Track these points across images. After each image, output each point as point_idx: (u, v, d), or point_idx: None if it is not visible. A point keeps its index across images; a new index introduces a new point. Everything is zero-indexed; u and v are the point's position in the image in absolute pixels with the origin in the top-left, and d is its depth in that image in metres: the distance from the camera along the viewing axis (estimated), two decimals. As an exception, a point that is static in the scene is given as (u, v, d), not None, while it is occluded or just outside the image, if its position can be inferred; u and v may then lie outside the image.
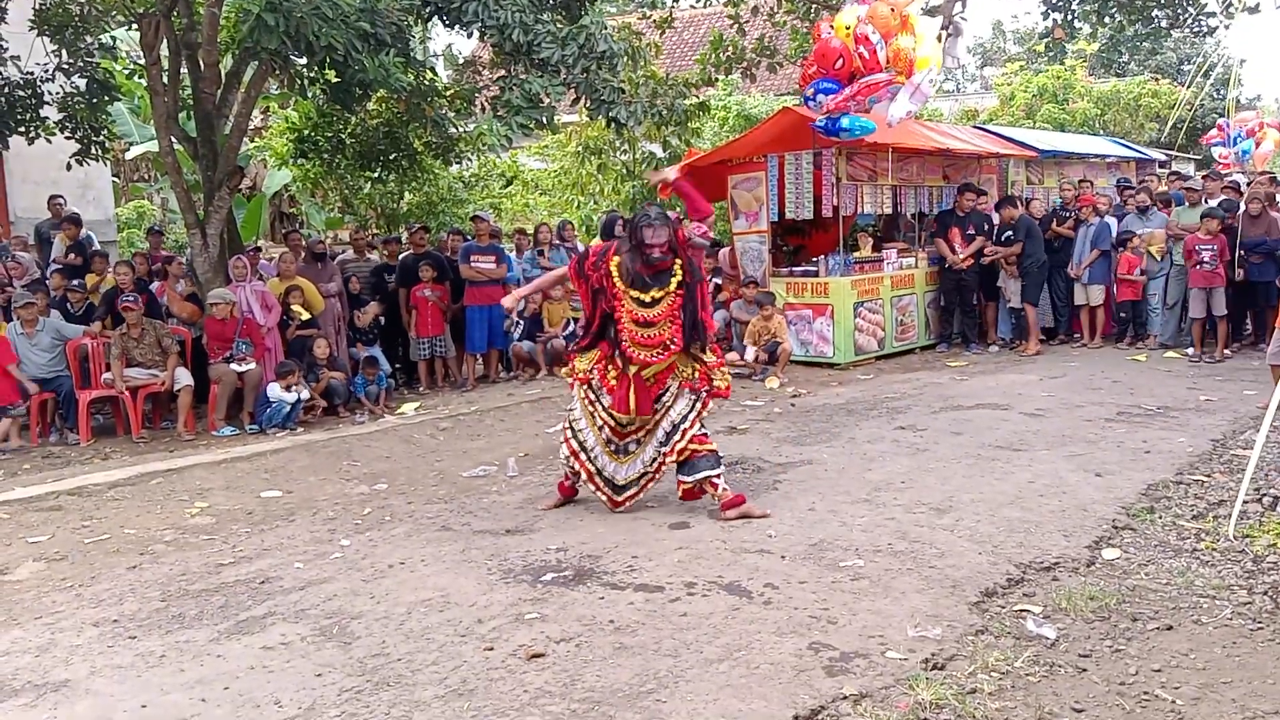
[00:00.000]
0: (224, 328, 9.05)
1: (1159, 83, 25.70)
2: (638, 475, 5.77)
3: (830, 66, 8.83)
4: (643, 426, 5.71)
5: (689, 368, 5.67)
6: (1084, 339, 11.73)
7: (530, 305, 10.93)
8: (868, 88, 8.74)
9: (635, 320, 5.54)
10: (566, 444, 5.83)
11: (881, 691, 3.51)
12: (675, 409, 5.65)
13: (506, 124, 9.33)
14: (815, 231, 12.38)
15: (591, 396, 5.75)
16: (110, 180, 15.61)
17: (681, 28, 22.71)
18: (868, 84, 8.72)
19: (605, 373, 5.68)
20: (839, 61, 8.74)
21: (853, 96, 8.79)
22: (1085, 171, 14.67)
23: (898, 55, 8.60)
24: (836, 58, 8.72)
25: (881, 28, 8.59)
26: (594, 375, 5.71)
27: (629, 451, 5.76)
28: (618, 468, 5.75)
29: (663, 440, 5.67)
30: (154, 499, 6.77)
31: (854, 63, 8.70)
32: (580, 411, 5.81)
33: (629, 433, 5.73)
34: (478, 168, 16.90)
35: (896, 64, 8.65)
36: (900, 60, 8.61)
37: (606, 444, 5.73)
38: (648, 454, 5.73)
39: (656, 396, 5.65)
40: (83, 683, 3.87)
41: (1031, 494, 5.85)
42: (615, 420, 5.68)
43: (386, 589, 4.76)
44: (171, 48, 10.05)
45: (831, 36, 8.81)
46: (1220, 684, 3.50)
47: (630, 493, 5.81)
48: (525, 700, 3.56)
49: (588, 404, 5.77)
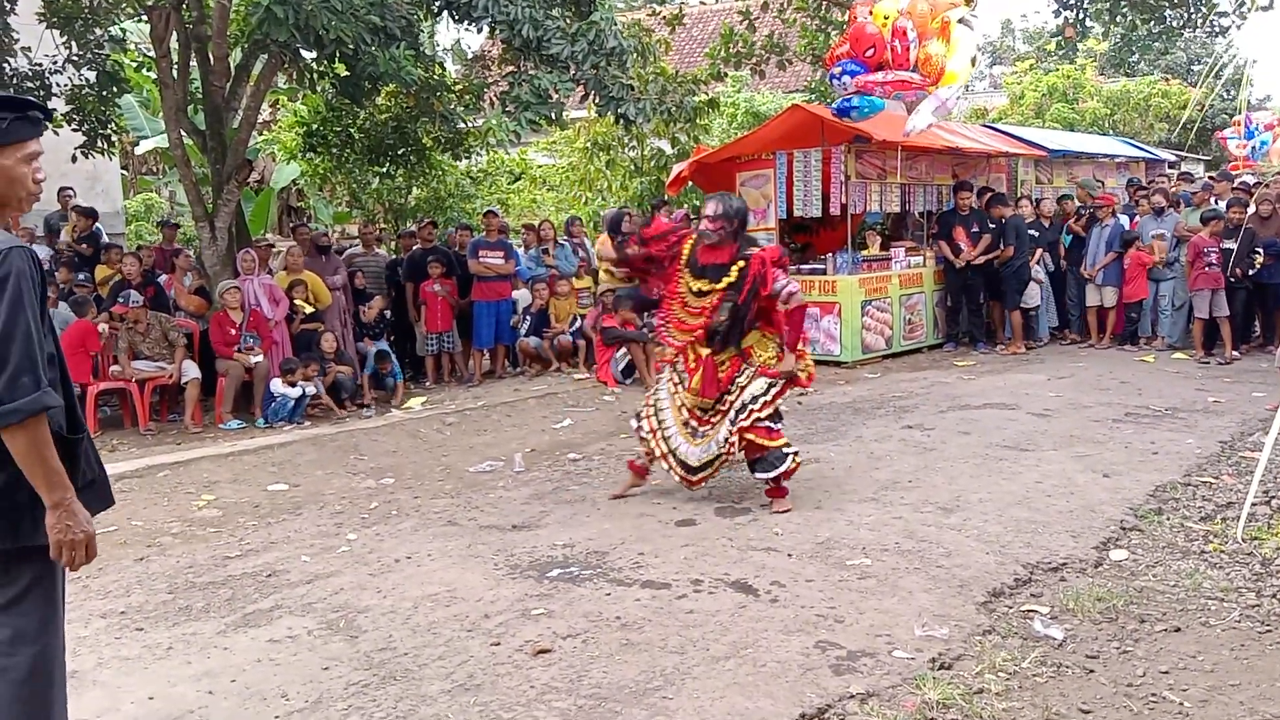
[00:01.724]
0: (226, 331, 9.06)
1: (1169, 83, 25.63)
2: (712, 457, 5.73)
3: (861, 52, 8.78)
4: (720, 410, 5.70)
5: (767, 352, 5.66)
6: (1093, 339, 11.71)
7: (537, 301, 10.93)
8: (898, 83, 8.69)
9: (681, 304, 5.66)
10: (646, 420, 5.89)
11: (888, 691, 3.51)
12: (748, 390, 5.63)
13: (515, 119, 9.33)
14: (823, 229, 12.35)
15: (676, 379, 5.82)
16: (119, 173, 15.64)
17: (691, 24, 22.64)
18: (899, 80, 8.67)
19: (687, 355, 5.73)
20: (870, 50, 8.69)
21: (880, 84, 8.74)
22: (1095, 171, 14.63)
23: (928, 60, 8.55)
24: (869, 45, 8.68)
25: (919, 25, 8.54)
26: (679, 359, 5.78)
27: (704, 435, 5.74)
28: (691, 449, 5.73)
29: (733, 420, 5.64)
30: (161, 491, 6.78)
31: (885, 54, 8.65)
32: (664, 391, 5.87)
33: (706, 419, 5.73)
34: (486, 163, 16.89)
35: (925, 68, 8.59)
36: (929, 66, 8.55)
37: (684, 425, 5.75)
38: (720, 434, 5.70)
39: (730, 380, 5.65)
40: (90, 674, 3.87)
41: (1039, 494, 5.83)
42: (694, 403, 5.72)
43: (393, 583, 4.76)
44: (181, 41, 10.06)
45: (869, 22, 8.74)
46: (1228, 686, 3.48)
47: (704, 473, 5.80)
48: (532, 696, 3.56)
49: (672, 385, 5.84)
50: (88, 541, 2.54)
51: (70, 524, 2.50)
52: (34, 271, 2.50)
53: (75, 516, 2.51)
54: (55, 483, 2.48)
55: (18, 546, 2.54)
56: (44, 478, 2.46)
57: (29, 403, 2.40)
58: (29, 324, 2.43)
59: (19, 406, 2.39)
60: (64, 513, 2.49)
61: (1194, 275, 10.45)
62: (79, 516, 2.52)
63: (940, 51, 8.58)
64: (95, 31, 10.26)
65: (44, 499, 2.48)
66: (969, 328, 12.07)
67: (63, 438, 2.53)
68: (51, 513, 2.48)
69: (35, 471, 2.45)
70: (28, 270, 2.47)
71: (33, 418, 2.41)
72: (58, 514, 2.48)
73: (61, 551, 2.51)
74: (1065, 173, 14.20)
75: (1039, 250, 11.79)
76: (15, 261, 2.45)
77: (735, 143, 12.34)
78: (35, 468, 2.45)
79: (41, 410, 2.42)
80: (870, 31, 8.69)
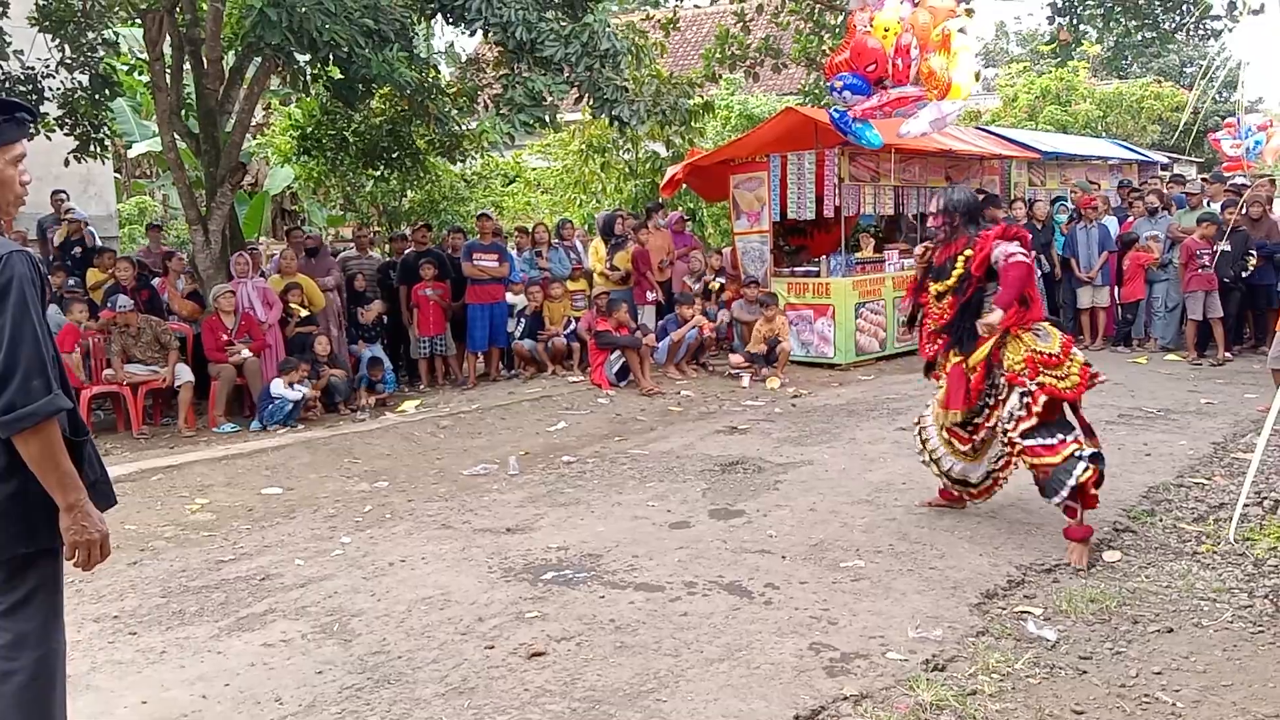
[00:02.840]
0: (217, 335, 9.04)
1: (1162, 85, 25.69)
2: (985, 474, 5.33)
3: (862, 67, 8.74)
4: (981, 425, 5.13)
5: (1017, 355, 4.88)
6: (1085, 341, 11.73)
7: (531, 304, 10.93)
8: (899, 101, 8.67)
9: (929, 313, 5.25)
10: (919, 443, 5.51)
11: (882, 692, 3.51)
12: (1005, 406, 4.93)
13: (509, 122, 9.32)
14: (817, 232, 12.38)
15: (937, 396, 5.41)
16: (112, 176, 15.60)
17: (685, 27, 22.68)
18: (901, 97, 8.65)
19: (943, 367, 5.26)
20: (872, 65, 8.65)
21: (881, 106, 8.72)
22: (1087, 173, 14.67)
23: (931, 75, 8.52)
24: (871, 61, 8.63)
25: (920, 37, 8.50)
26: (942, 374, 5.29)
27: (974, 453, 5.26)
28: (966, 466, 5.31)
29: (1004, 441, 5.03)
30: (155, 495, 6.76)
31: (887, 70, 8.61)
32: (929, 412, 5.47)
33: (968, 436, 5.20)
34: (480, 166, 16.88)
35: (929, 82, 8.56)
36: (934, 81, 8.51)
37: (948, 444, 5.29)
38: (993, 452, 5.24)
39: (979, 390, 5.03)
40: (83, 678, 3.86)
41: (1032, 495, 5.82)
42: (948, 419, 5.21)
43: (387, 587, 4.76)
44: (175, 44, 10.05)
45: (869, 35, 8.70)
46: (1221, 687, 3.49)
47: (984, 485, 5.39)
48: (526, 699, 3.56)
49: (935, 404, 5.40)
50: (102, 541, 2.57)
51: (85, 524, 2.52)
52: (34, 275, 2.51)
53: (90, 517, 2.53)
54: (69, 485, 2.49)
55: (29, 551, 2.55)
56: (58, 480, 2.48)
57: (43, 405, 2.41)
58: (35, 328, 2.44)
59: (35, 410, 2.40)
60: (79, 514, 2.51)
61: (1187, 277, 10.49)
62: (93, 517, 2.54)
63: (942, 65, 8.55)
64: (88, 35, 10.25)
65: (58, 501, 2.49)
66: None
67: (68, 440, 2.54)
68: (66, 514, 2.50)
69: (49, 474, 2.47)
70: (29, 274, 2.48)
71: (46, 421, 2.42)
72: (73, 515, 2.50)
73: (76, 552, 2.53)
74: (1058, 175, 14.23)
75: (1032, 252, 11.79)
76: (16, 266, 2.46)
77: (730, 145, 12.36)
78: (49, 471, 2.46)
79: (55, 413, 2.44)
80: (872, 46, 8.64)
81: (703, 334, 10.76)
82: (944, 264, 5.13)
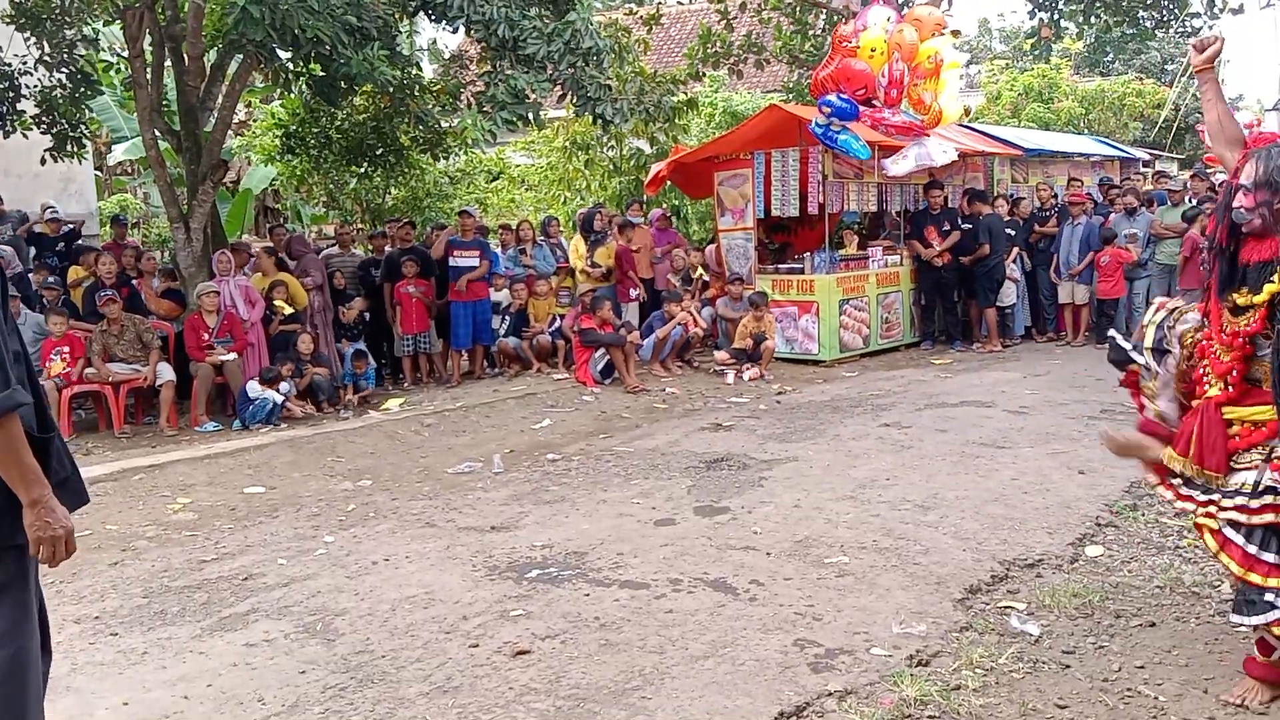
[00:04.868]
0: (199, 334, 8.98)
1: (1143, 82, 25.84)
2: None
3: (852, 91, 8.72)
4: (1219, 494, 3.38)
5: None
6: (1068, 336, 11.80)
7: (516, 301, 10.91)
8: (898, 128, 8.67)
9: (1220, 329, 3.39)
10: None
11: (866, 688, 3.52)
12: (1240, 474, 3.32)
13: (491, 119, 9.29)
14: (801, 228, 12.40)
15: None
16: (93, 174, 15.47)
17: (669, 24, 22.67)
18: (900, 125, 8.64)
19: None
20: (862, 90, 8.64)
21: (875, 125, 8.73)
22: (1070, 170, 14.73)
23: (920, 103, 8.53)
24: (860, 85, 8.62)
25: (907, 58, 8.49)
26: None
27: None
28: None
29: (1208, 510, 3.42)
30: (136, 495, 6.71)
31: (876, 95, 8.61)
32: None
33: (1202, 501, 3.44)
34: (464, 163, 16.84)
35: (919, 109, 8.56)
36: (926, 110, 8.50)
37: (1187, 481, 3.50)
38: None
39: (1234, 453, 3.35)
40: (64, 680, 3.83)
41: (1015, 491, 5.87)
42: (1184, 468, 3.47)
43: (370, 586, 4.74)
44: (155, 40, 9.97)
45: (856, 58, 8.67)
46: (1203, 680, 3.52)
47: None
48: (510, 697, 3.55)
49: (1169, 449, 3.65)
50: (67, 537, 2.52)
51: (49, 520, 2.48)
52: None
53: (54, 512, 2.49)
54: (32, 480, 2.45)
55: None
56: (20, 475, 2.44)
57: (0, 400, 2.37)
58: None
59: None
60: (43, 509, 2.47)
61: (1186, 272, 10.37)
62: (57, 512, 2.50)
63: (931, 96, 8.57)
64: (66, 32, 10.14)
65: (21, 497, 2.46)
66: (945, 326, 12.14)
67: (33, 436, 2.51)
68: (30, 510, 2.46)
69: (11, 470, 2.43)
70: None
71: (5, 416, 2.39)
72: (36, 511, 2.46)
73: (40, 548, 2.49)
74: (1041, 172, 14.28)
75: (1014, 249, 11.88)
76: None
77: (713, 142, 12.37)
78: (10, 466, 2.43)
79: (14, 408, 2.40)
80: (859, 69, 8.62)
81: (688, 331, 10.77)
82: (1250, 264, 3.32)
